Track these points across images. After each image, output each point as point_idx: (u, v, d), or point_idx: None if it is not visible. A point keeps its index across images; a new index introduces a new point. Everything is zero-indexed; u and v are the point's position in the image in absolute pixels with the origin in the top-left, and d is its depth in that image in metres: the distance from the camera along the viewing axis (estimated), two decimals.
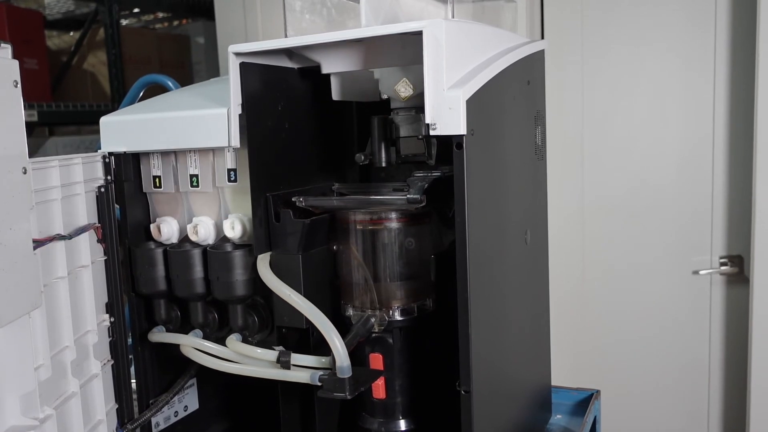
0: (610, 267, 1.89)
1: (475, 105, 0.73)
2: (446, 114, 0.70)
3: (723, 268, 1.77)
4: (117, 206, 0.90)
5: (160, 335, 0.92)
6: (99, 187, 0.88)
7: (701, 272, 1.79)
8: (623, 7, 1.80)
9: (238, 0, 2.05)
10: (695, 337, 1.83)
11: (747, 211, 1.68)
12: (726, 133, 1.74)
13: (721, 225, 1.77)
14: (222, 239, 0.89)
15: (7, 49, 0.63)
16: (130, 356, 0.92)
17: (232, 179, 0.87)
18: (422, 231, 0.87)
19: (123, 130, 0.91)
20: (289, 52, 0.86)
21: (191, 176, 0.89)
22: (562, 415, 1.11)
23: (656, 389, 1.89)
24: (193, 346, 0.88)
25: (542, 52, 1.01)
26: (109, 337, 0.88)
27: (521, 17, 1.75)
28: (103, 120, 0.93)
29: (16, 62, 0.68)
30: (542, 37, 1.87)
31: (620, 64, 1.82)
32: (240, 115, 0.81)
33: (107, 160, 0.90)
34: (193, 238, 0.88)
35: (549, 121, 1.04)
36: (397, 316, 0.85)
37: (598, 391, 1.15)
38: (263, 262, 0.82)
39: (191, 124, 0.85)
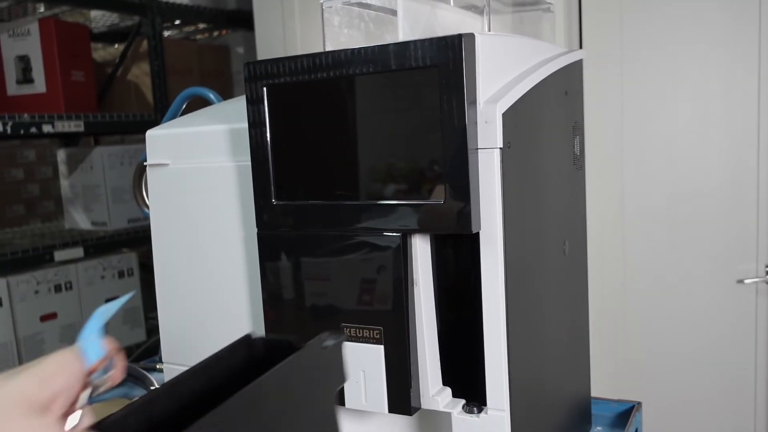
0: (651, 276, 1.86)
1: (512, 118, 0.73)
2: (482, 127, 0.71)
3: None
4: None
5: None
6: None
7: (746, 281, 1.75)
8: (663, 13, 1.78)
9: (278, 12, 2.09)
10: (740, 348, 1.79)
11: None
12: None
13: (767, 232, 1.73)
14: None
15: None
16: None
17: None
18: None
19: (168, 143, 0.93)
20: None
21: None
22: (602, 427, 1.10)
23: (699, 401, 1.85)
24: None
25: (580, 61, 1.00)
26: None
27: (559, 26, 1.74)
28: (149, 134, 0.96)
29: None
30: (580, 46, 1.86)
31: (661, 69, 1.80)
32: None
33: None
34: None
35: (588, 128, 1.04)
36: None
37: (639, 403, 1.13)
38: None
39: (235, 138, 0.87)
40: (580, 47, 1.86)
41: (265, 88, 0.77)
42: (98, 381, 0.45)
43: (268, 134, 0.79)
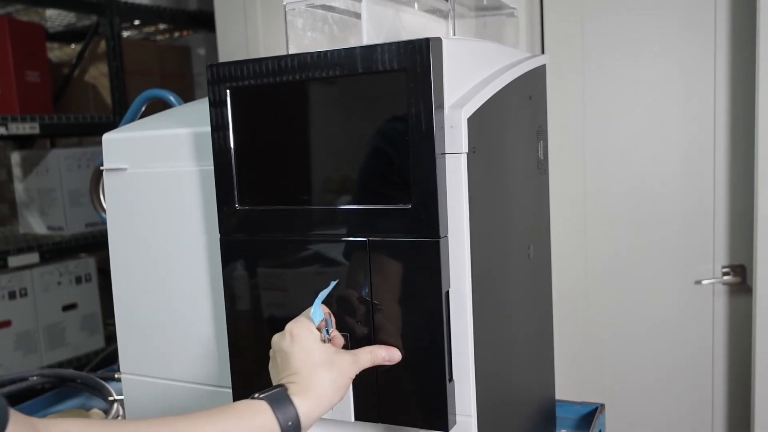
0: (613, 277, 1.89)
1: (477, 123, 0.73)
2: (448, 132, 0.71)
3: (725, 277, 1.77)
4: None
5: None
6: None
7: (704, 282, 1.79)
8: (623, 19, 1.81)
9: (240, 13, 2.06)
10: (698, 348, 1.83)
11: (749, 220, 1.68)
12: (727, 141, 1.74)
13: (723, 234, 1.77)
14: None
15: None
16: None
17: None
18: None
19: (126, 147, 0.91)
20: None
21: None
22: (566, 429, 1.10)
23: (660, 401, 1.88)
24: None
25: (543, 66, 1.01)
26: None
27: (521, 31, 1.75)
28: (106, 137, 0.93)
29: None
30: (542, 50, 1.88)
31: (621, 74, 1.83)
32: None
33: None
34: None
35: (551, 132, 1.05)
36: None
37: (602, 405, 1.14)
38: None
39: (196, 142, 0.85)
40: (542, 52, 1.88)
41: (228, 91, 0.76)
42: (326, 336, 0.71)
43: (231, 138, 0.77)
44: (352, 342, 0.75)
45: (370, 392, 0.76)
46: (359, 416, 0.77)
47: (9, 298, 2.31)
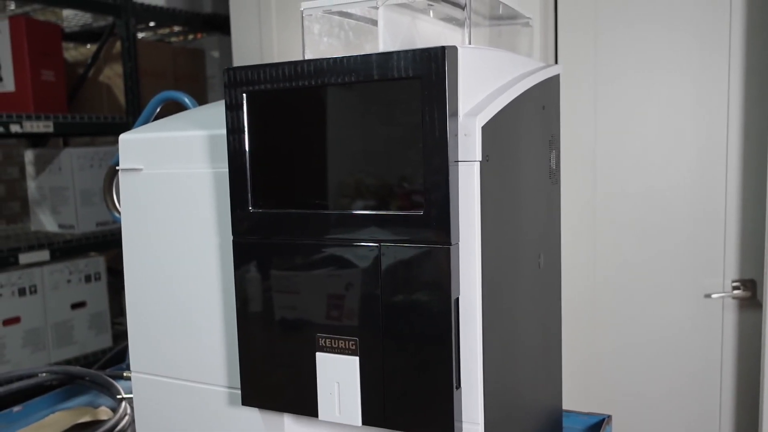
0: (622, 289, 1.89)
1: (491, 131, 0.73)
2: (462, 140, 0.71)
3: (735, 292, 1.77)
4: None
5: None
6: None
7: (713, 296, 1.78)
8: (636, 30, 1.81)
9: (254, 16, 2.08)
10: (706, 362, 1.82)
11: (760, 235, 1.67)
12: (739, 155, 1.74)
13: (734, 248, 1.77)
14: None
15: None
16: None
17: None
18: None
19: (142, 148, 0.92)
20: None
21: None
22: None
23: (666, 414, 1.88)
24: None
25: (557, 76, 1.01)
26: None
27: (535, 40, 1.76)
28: (122, 138, 0.94)
29: None
30: (556, 60, 1.88)
31: (633, 85, 1.83)
32: None
33: None
34: None
35: (563, 141, 1.05)
36: None
37: (609, 416, 1.14)
38: None
39: (211, 144, 0.86)
40: (556, 62, 1.88)
41: (244, 95, 0.77)
42: None
43: (246, 141, 0.78)
44: (361, 347, 0.75)
45: (378, 397, 0.76)
46: (366, 421, 0.77)
47: (19, 295, 2.32)
